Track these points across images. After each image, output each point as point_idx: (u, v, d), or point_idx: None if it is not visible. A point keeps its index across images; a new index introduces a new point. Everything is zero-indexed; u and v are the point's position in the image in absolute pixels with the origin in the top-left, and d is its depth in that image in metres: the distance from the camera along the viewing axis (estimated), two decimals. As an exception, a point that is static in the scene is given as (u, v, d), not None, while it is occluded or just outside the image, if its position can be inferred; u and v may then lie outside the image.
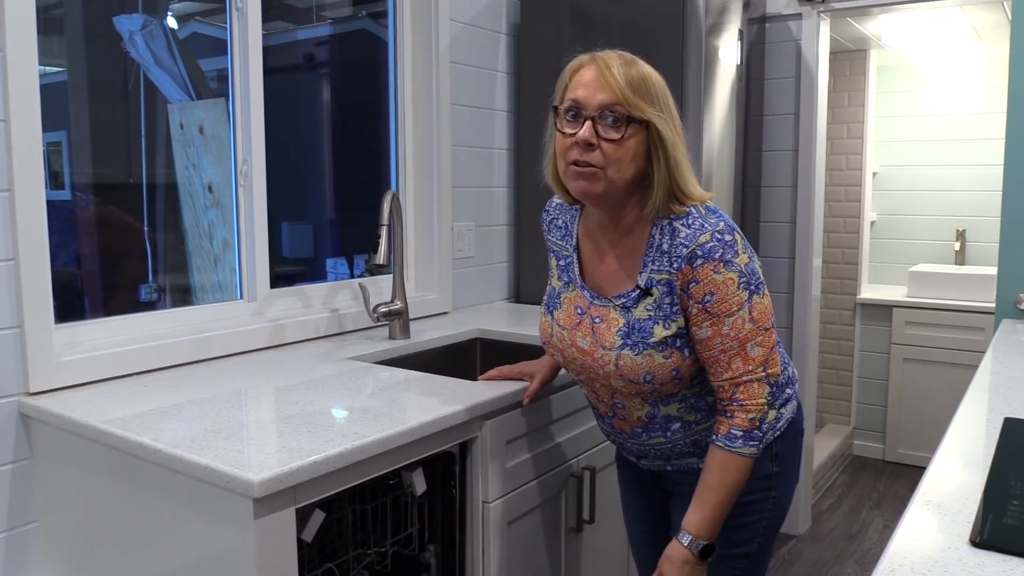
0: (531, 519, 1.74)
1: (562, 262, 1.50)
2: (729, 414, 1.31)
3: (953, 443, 1.21)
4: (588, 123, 1.28)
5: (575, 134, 1.29)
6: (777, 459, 1.42)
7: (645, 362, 1.33)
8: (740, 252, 1.29)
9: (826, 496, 3.64)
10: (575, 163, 1.30)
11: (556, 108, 1.34)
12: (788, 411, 1.43)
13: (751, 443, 1.30)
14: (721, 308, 1.28)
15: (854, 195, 4.13)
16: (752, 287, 1.29)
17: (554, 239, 1.52)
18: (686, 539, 1.33)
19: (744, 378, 1.30)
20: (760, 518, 1.43)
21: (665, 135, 1.29)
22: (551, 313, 1.50)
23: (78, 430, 1.44)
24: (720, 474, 1.32)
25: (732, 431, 1.31)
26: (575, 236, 1.48)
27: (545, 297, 1.54)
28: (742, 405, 1.30)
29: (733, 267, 1.28)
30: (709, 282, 1.28)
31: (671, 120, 1.31)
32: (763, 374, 1.30)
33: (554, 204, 1.55)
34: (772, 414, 1.32)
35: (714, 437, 1.33)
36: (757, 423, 1.30)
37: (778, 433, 1.41)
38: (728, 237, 1.29)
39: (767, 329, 1.31)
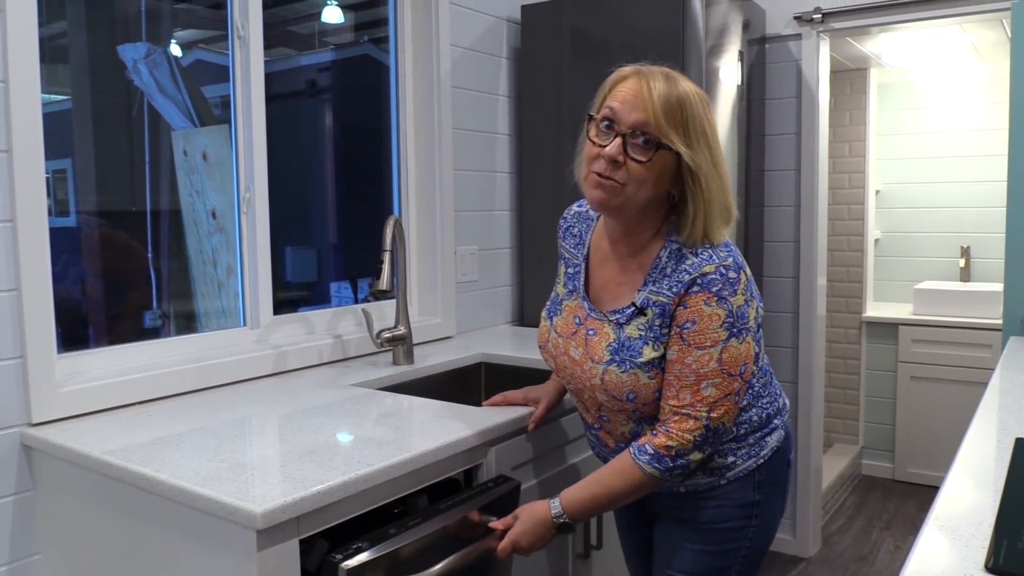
0: (538, 546, 1.72)
1: (570, 270, 1.50)
2: (655, 432, 1.32)
3: (965, 465, 1.20)
4: (618, 140, 1.27)
5: (604, 147, 1.28)
6: (760, 488, 1.40)
7: (630, 380, 1.33)
8: (739, 293, 1.28)
9: (836, 517, 3.60)
10: (599, 174, 1.30)
11: (592, 116, 1.33)
12: (774, 440, 1.42)
13: (655, 465, 1.30)
14: (695, 339, 1.28)
15: (857, 213, 4.13)
16: (735, 330, 1.27)
17: (567, 246, 1.53)
18: (555, 507, 1.36)
19: (684, 410, 1.29)
20: (740, 546, 1.41)
21: (699, 170, 1.27)
22: (551, 318, 1.51)
23: (80, 461, 1.43)
24: (614, 475, 1.34)
25: (646, 445, 1.31)
26: (587, 246, 1.48)
27: (548, 302, 1.54)
28: (668, 432, 1.30)
29: (725, 304, 1.27)
30: (696, 311, 1.27)
31: (706, 151, 1.28)
32: (704, 414, 1.28)
33: (572, 212, 1.56)
34: (697, 456, 1.30)
35: (632, 441, 1.35)
36: (673, 453, 1.29)
37: (762, 461, 1.40)
38: (732, 275, 1.28)
39: (731, 375, 1.28)
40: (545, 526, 1.36)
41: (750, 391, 1.38)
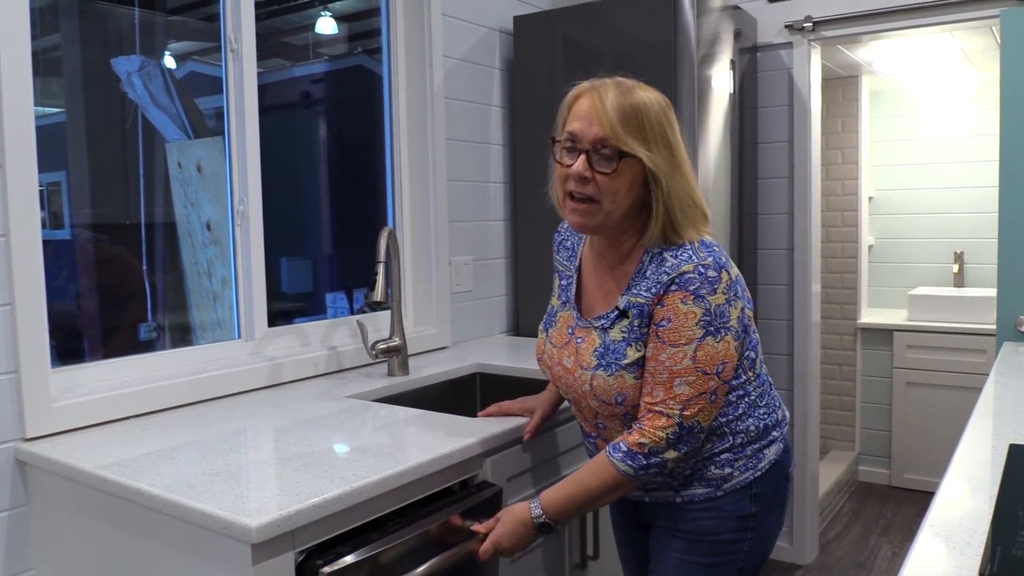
0: (534, 556, 1.72)
1: (564, 282, 1.52)
2: (630, 430, 1.33)
3: (959, 472, 1.20)
4: (583, 157, 1.30)
5: (571, 166, 1.31)
6: (757, 500, 1.40)
7: (617, 383, 1.34)
8: (719, 291, 1.28)
9: (833, 524, 3.60)
10: (571, 196, 1.33)
11: (555, 140, 1.36)
12: (772, 452, 1.42)
13: (628, 463, 1.30)
14: (670, 336, 1.29)
15: (851, 220, 4.14)
16: (712, 328, 1.28)
17: (561, 259, 1.55)
18: (535, 508, 1.37)
19: (657, 407, 1.30)
20: (736, 559, 1.40)
21: (659, 171, 1.29)
22: (546, 331, 1.53)
23: (74, 476, 1.42)
24: (590, 473, 1.35)
25: (621, 443, 1.32)
26: (579, 258, 1.50)
27: (545, 315, 1.56)
28: (641, 429, 1.31)
29: (701, 303, 1.27)
30: (672, 309, 1.29)
31: (666, 152, 1.30)
32: (676, 412, 1.29)
33: (565, 226, 1.58)
34: (672, 454, 1.30)
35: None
36: (646, 451, 1.29)
37: (759, 474, 1.39)
38: (712, 273, 1.28)
39: (706, 373, 1.28)
40: (525, 527, 1.38)
41: (746, 399, 1.38)
